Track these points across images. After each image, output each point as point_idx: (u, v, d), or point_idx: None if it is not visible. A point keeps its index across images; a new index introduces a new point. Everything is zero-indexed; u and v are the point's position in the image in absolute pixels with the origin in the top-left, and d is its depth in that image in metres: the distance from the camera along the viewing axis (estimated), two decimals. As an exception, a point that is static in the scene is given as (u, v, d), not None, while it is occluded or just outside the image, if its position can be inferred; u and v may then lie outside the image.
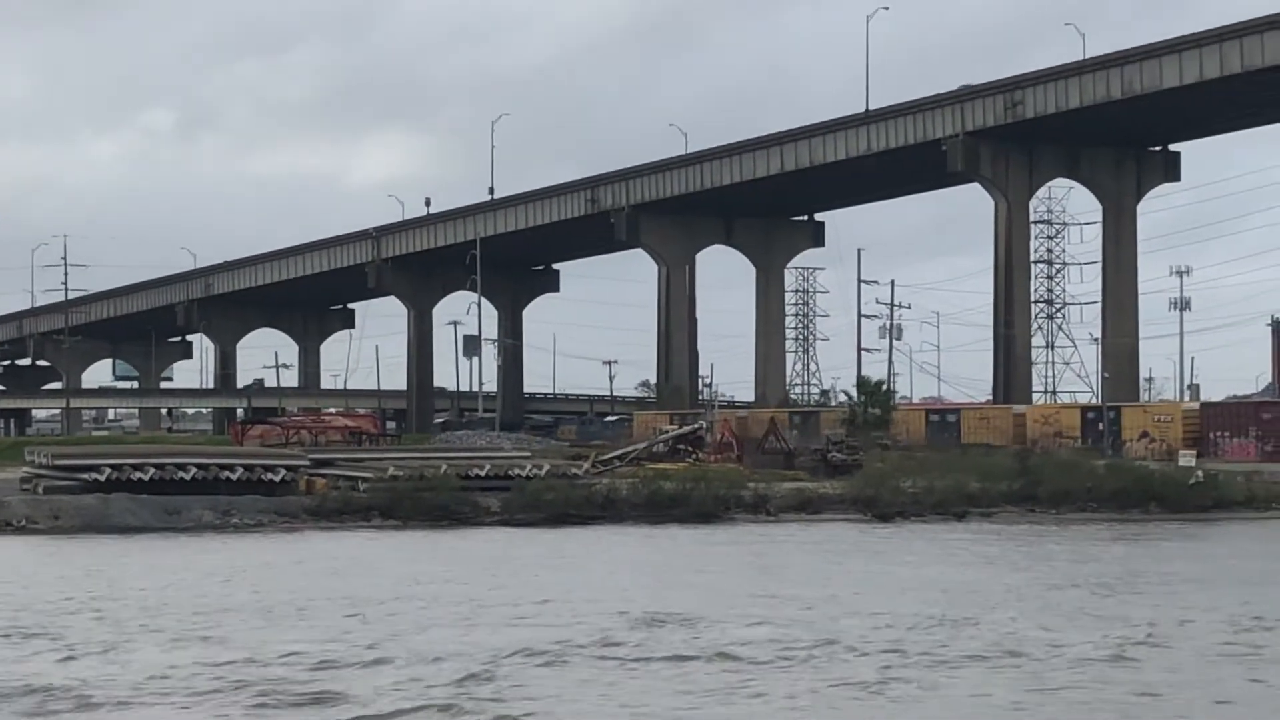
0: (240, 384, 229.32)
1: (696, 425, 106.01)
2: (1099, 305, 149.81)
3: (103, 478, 70.86)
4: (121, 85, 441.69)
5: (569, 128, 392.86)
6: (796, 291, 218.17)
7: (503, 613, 39.72)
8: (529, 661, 31.81)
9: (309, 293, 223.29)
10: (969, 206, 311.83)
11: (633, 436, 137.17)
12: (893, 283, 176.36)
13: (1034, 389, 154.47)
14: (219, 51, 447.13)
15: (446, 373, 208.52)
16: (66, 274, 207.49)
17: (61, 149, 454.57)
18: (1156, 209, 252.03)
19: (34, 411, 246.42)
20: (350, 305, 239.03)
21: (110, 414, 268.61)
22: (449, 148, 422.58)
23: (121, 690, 28.87)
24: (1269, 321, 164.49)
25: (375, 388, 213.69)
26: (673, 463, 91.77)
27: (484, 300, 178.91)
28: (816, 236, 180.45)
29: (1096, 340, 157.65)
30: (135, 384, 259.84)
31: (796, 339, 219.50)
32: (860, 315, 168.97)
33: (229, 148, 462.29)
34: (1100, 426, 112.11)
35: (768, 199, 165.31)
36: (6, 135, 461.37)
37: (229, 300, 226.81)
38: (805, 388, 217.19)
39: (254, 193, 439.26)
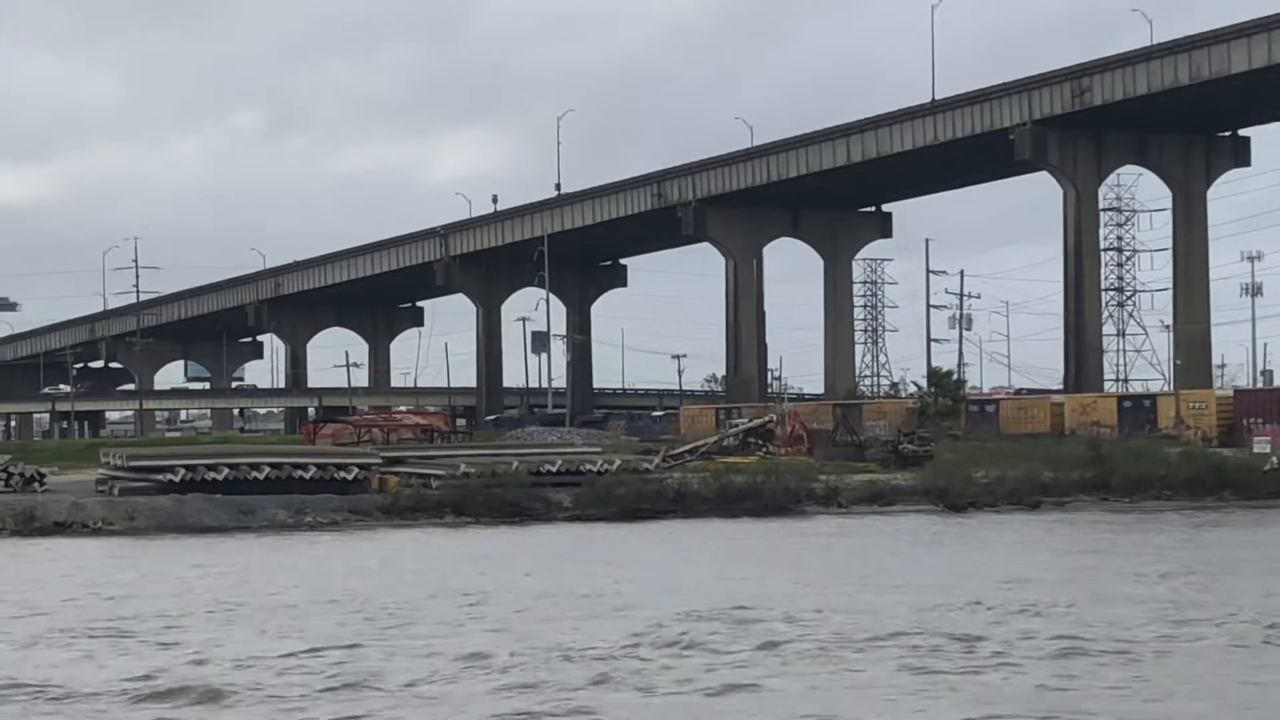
0: (311, 384, 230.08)
1: (767, 418, 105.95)
2: (1170, 292, 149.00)
3: (177, 478, 71.20)
4: (212, 87, 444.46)
5: (649, 123, 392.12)
6: (865, 283, 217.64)
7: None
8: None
9: (378, 291, 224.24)
10: (1037, 195, 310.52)
11: (680, 430, 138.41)
12: (962, 272, 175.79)
13: (1105, 377, 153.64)
14: (308, 51, 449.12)
15: (515, 369, 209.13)
16: (138, 276, 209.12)
17: (146, 151, 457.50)
18: (1227, 194, 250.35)
19: (107, 413, 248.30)
20: (419, 303, 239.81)
21: (183, 415, 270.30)
22: (531, 144, 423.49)
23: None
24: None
25: (445, 385, 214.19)
26: (743, 456, 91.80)
27: (552, 296, 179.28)
28: (884, 227, 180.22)
29: (1168, 327, 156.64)
30: (207, 385, 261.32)
31: (865, 330, 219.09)
32: (929, 305, 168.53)
33: (313, 147, 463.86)
34: (1175, 413, 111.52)
35: (834, 190, 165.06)
36: (95, 137, 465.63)
37: (299, 300, 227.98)
38: (874, 379, 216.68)
39: (336, 192, 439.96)
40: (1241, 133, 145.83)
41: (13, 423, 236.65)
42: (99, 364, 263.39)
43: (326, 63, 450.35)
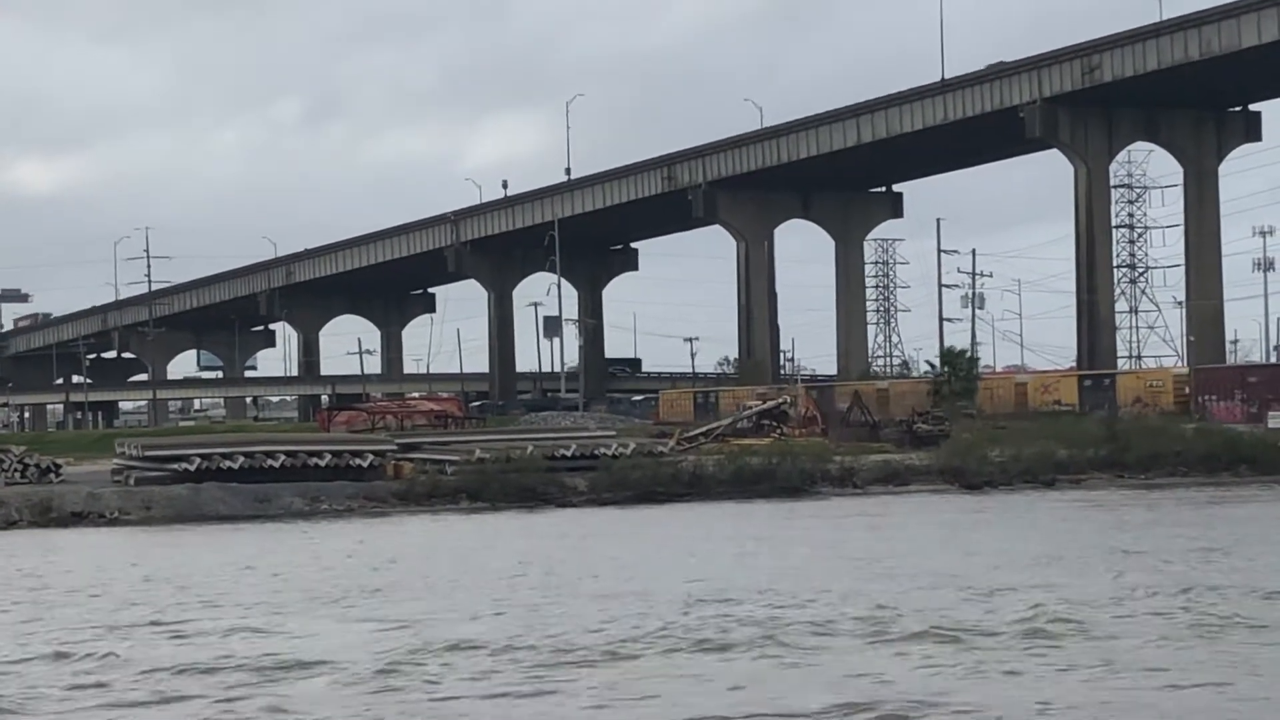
0: (324, 372, 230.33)
1: (781, 400, 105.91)
2: (1182, 268, 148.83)
3: (193, 467, 71.14)
4: (256, 76, 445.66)
5: (679, 110, 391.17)
6: (876, 263, 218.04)
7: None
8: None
9: (390, 278, 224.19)
10: (1048, 173, 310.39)
11: (659, 415, 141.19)
12: (974, 251, 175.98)
13: (1119, 354, 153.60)
14: (353, 39, 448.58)
15: (528, 354, 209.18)
16: (149, 266, 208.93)
17: (183, 141, 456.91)
18: (1238, 170, 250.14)
19: (121, 404, 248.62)
20: (431, 289, 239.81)
21: (196, 404, 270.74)
22: (562, 131, 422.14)
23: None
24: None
25: (458, 371, 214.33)
26: (757, 438, 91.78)
27: (563, 281, 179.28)
28: (895, 207, 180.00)
29: (1181, 304, 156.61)
30: (219, 374, 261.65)
31: (877, 311, 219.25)
32: (941, 285, 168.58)
33: (349, 136, 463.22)
34: (1188, 390, 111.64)
35: (845, 171, 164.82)
36: (133, 128, 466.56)
37: (310, 288, 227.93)
38: (887, 359, 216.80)
39: (370, 180, 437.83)
40: (1253, 108, 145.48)
41: (27, 414, 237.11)
42: (111, 354, 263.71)
43: (369, 51, 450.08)
